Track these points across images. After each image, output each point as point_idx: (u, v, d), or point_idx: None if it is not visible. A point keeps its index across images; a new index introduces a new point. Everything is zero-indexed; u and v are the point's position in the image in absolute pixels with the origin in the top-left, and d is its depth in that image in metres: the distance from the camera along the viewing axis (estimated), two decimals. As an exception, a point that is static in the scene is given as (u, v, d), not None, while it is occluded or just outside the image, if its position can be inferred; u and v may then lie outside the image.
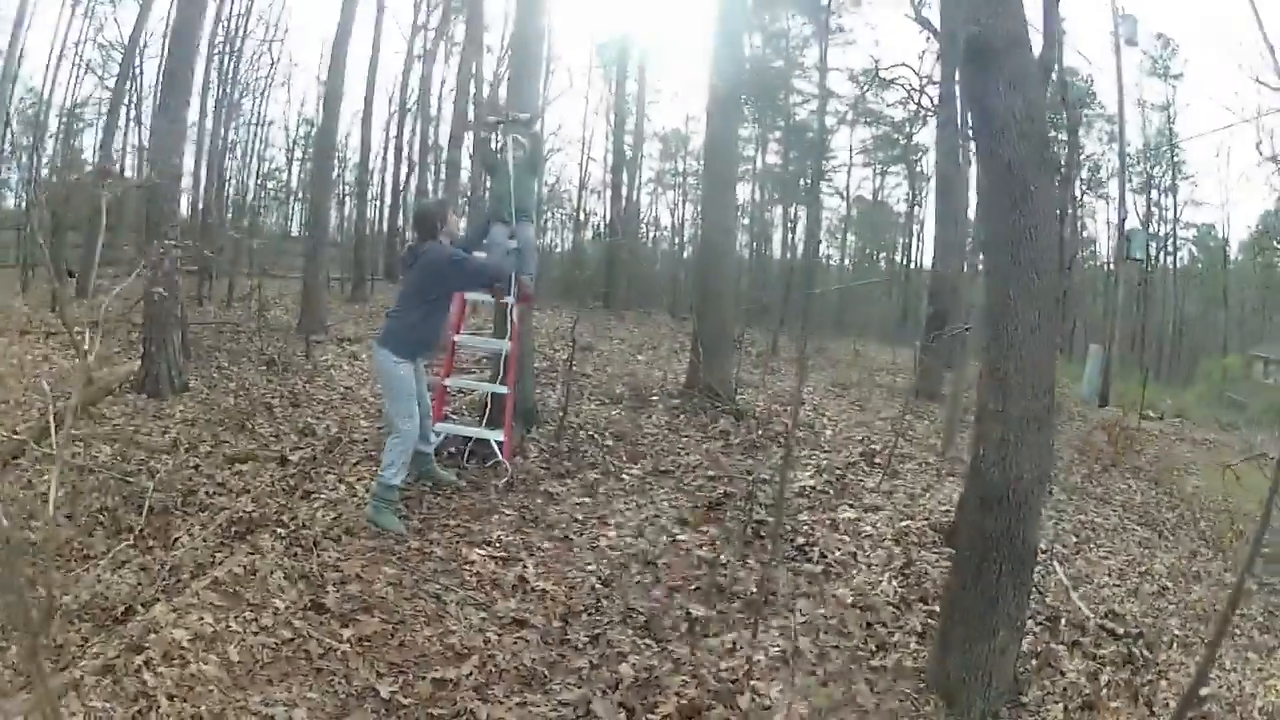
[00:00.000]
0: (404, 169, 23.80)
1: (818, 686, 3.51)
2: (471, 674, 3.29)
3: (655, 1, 38.74)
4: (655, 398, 8.84)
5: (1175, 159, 27.04)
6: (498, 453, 5.65)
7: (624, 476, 6.01)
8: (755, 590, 4.12)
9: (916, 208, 31.22)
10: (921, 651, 3.90)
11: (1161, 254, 29.29)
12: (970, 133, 4.24)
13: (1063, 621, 4.49)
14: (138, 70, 18.66)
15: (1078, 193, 25.46)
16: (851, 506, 5.81)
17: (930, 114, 11.84)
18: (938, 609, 4.05)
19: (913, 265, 32.33)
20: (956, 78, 9.40)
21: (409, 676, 3.24)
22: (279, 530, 4.28)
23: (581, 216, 29.04)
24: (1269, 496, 3.31)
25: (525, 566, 4.29)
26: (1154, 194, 28.09)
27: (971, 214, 10.33)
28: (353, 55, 13.26)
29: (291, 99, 40.52)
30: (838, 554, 4.94)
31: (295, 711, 2.91)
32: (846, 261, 35.68)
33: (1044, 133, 3.37)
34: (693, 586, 4.24)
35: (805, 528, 5.29)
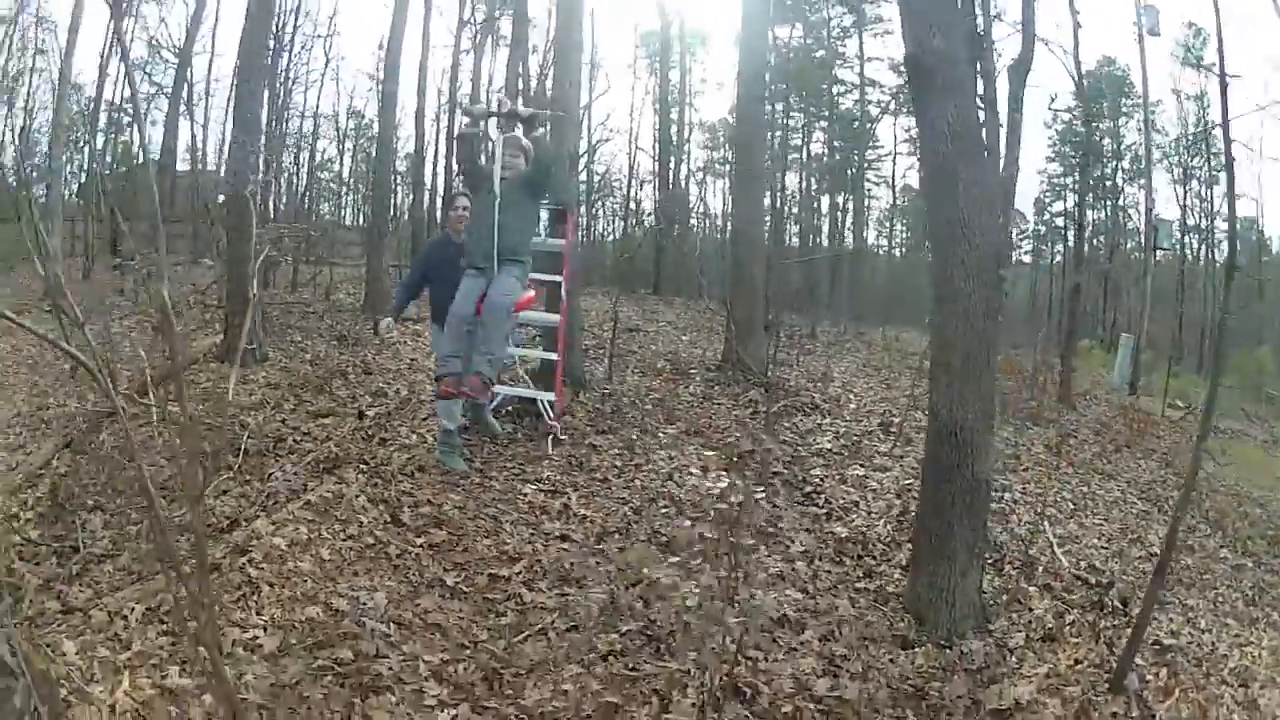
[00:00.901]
0: (455, 162, 24.50)
1: (805, 598, 4.14)
2: (521, 572, 4.01)
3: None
4: (693, 371, 9.50)
5: (1211, 149, 26.31)
6: (548, 411, 6.24)
7: (660, 434, 6.65)
8: (763, 524, 4.75)
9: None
10: (904, 581, 4.44)
11: (1203, 246, 28.58)
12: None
13: (1040, 569, 4.92)
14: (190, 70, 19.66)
15: (1118, 183, 25.19)
16: (862, 466, 6.39)
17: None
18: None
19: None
20: (979, 68, 9.87)
21: (470, 572, 3.96)
22: (361, 467, 5.03)
23: (632, 205, 29.56)
24: (1196, 443, 3.86)
25: (569, 498, 4.99)
26: (1194, 184, 27.43)
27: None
28: (403, 51, 14.01)
29: (341, 91, 41.59)
30: (842, 501, 5.55)
31: (375, 595, 3.57)
32: (896, 250, 35.48)
33: (975, 132, 3.93)
34: (709, 518, 4.89)
35: (816, 480, 5.89)
